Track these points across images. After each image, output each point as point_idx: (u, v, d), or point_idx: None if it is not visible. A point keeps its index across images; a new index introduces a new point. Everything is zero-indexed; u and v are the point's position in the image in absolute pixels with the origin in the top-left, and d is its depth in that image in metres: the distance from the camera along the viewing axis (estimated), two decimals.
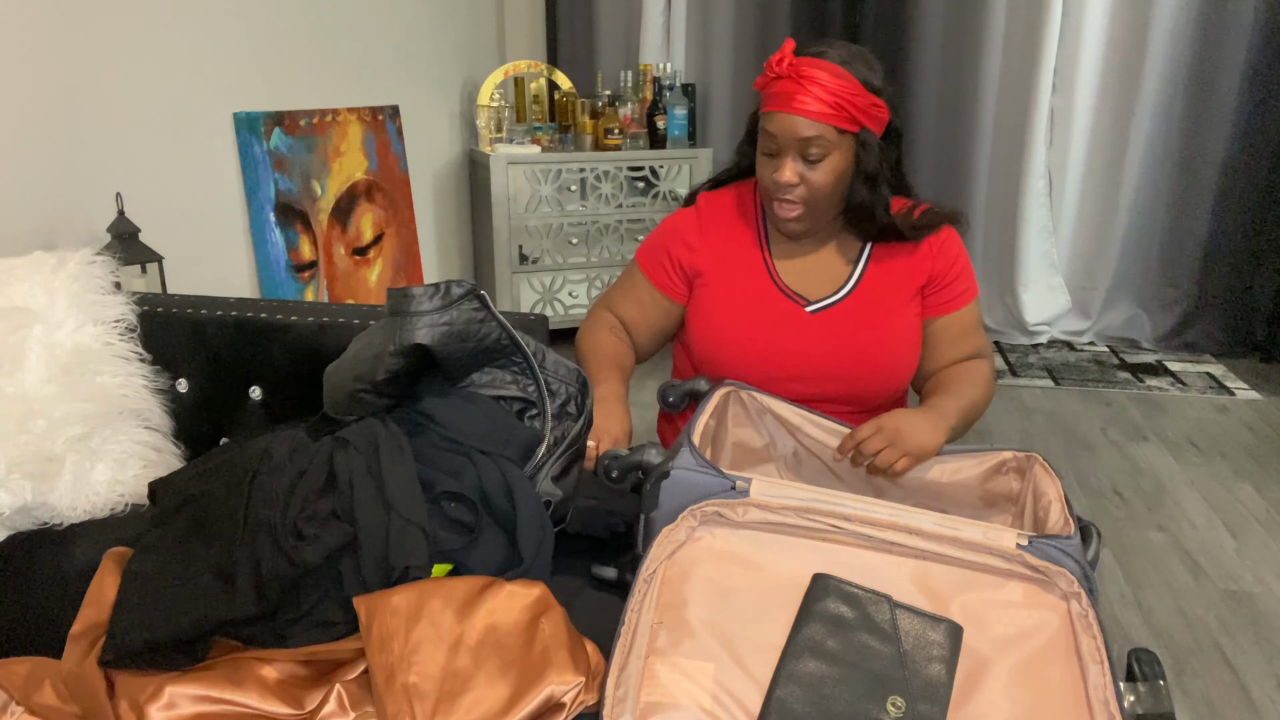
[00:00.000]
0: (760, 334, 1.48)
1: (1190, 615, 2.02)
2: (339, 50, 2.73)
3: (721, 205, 1.56)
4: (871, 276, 1.49)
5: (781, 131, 1.35)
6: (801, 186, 1.38)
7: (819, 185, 1.37)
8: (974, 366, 1.50)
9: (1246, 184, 3.65)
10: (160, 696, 0.93)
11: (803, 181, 1.37)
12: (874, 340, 1.47)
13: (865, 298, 1.48)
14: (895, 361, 1.49)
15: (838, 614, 0.89)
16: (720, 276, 1.52)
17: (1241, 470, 2.75)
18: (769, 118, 1.37)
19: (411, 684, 0.89)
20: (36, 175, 1.69)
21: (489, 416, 1.20)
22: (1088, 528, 1.03)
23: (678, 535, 0.95)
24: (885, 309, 1.48)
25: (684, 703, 0.83)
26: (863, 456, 1.24)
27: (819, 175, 1.37)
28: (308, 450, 1.12)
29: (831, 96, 1.32)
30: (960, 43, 3.80)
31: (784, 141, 1.36)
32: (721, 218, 1.55)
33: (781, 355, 1.48)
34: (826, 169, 1.36)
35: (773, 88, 1.37)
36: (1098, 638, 0.86)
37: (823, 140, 1.34)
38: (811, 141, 1.34)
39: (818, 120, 1.33)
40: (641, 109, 3.71)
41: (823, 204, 1.40)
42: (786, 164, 1.37)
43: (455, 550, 1.07)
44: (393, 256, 3.02)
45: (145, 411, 1.45)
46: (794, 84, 1.33)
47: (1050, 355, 3.85)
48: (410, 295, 1.18)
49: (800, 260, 1.51)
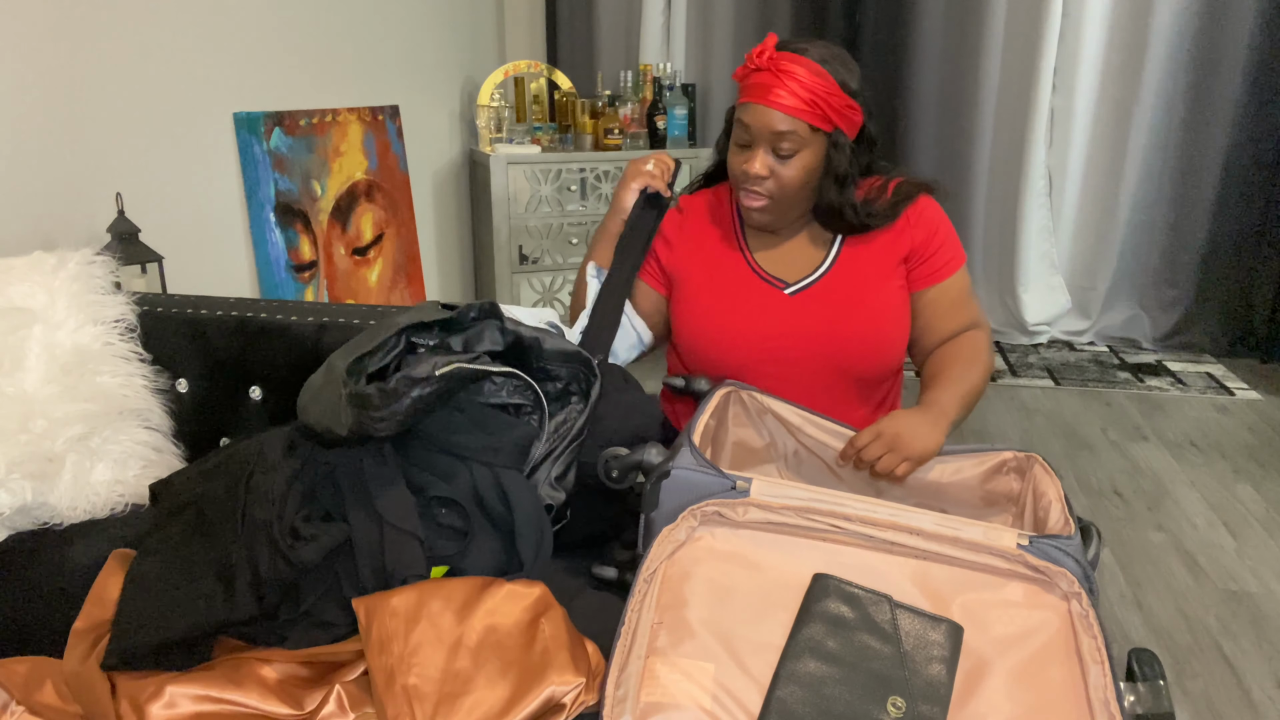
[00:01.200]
0: (742, 319, 1.50)
1: (1190, 615, 2.02)
2: (339, 50, 2.73)
3: (698, 205, 1.61)
4: (848, 254, 1.50)
5: (755, 123, 1.37)
6: (771, 180, 1.40)
7: (788, 180, 1.40)
8: (969, 341, 1.48)
9: (1246, 184, 3.65)
10: (161, 696, 0.93)
11: (772, 175, 1.40)
12: (856, 316, 1.47)
13: (843, 275, 1.49)
14: (881, 336, 1.48)
15: (838, 614, 0.89)
16: (699, 270, 1.55)
17: (1241, 470, 2.75)
18: (745, 108, 1.39)
19: (411, 685, 0.89)
20: (36, 175, 1.69)
21: (478, 424, 1.15)
22: (1088, 528, 1.03)
23: (678, 535, 0.95)
24: (865, 284, 1.48)
25: (684, 703, 0.83)
26: (864, 463, 1.25)
27: (789, 171, 1.39)
28: (302, 448, 1.12)
29: (808, 93, 1.34)
30: (960, 43, 3.80)
31: (757, 133, 1.38)
32: (698, 216, 1.59)
33: (764, 339, 1.48)
34: (797, 165, 1.39)
35: (751, 79, 1.39)
36: (1098, 638, 0.86)
37: (795, 136, 1.36)
38: (784, 136, 1.36)
39: (792, 115, 1.35)
40: (641, 109, 3.71)
41: (790, 199, 1.43)
42: (758, 156, 1.39)
43: (449, 556, 1.06)
44: (393, 256, 3.02)
45: (145, 411, 1.45)
46: (772, 77, 1.35)
47: (1050, 355, 3.85)
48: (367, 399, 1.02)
49: (776, 249, 1.53)
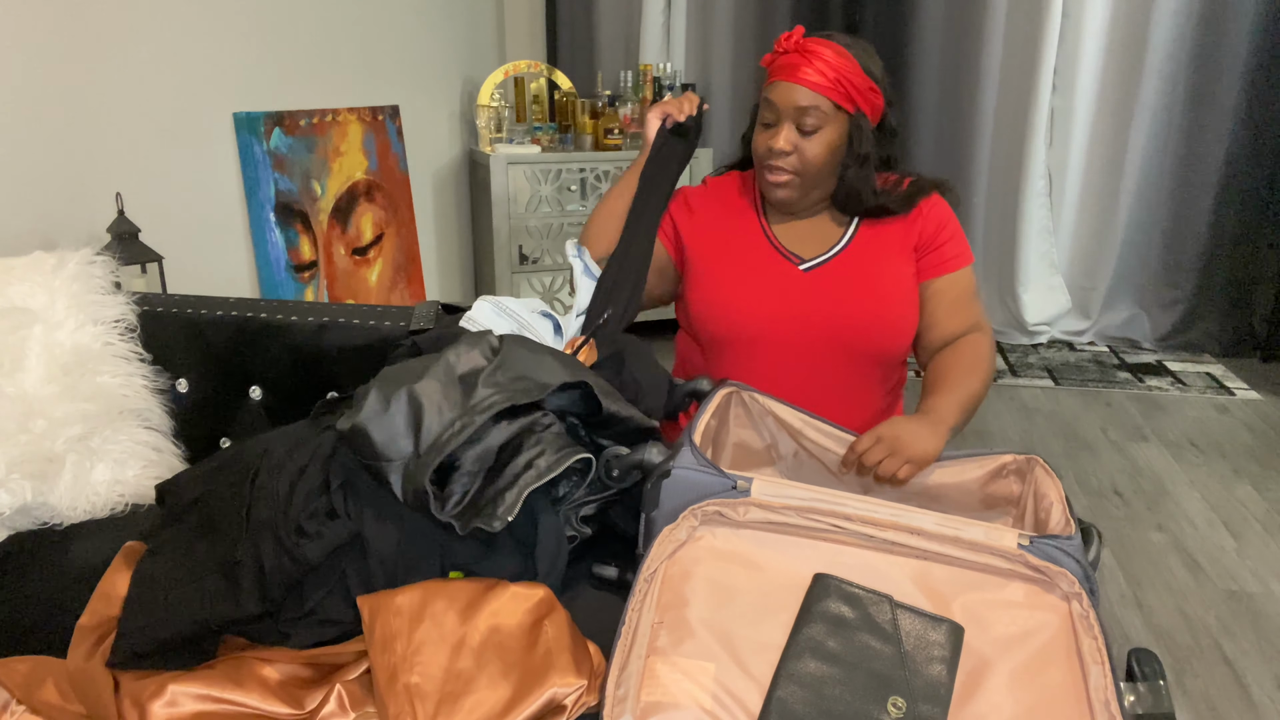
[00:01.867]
0: (756, 292, 1.53)
1: (1190, 615, 2.02)
2: (339, 50, 2.73)
3: (724, 182, 1.66)
4: (863, 236, 1.54)
5: (781, 99, 1.43)
6: (794, 155, 1.45)
7: (811, 156, 1.44)
8: (971, 347, 1.49)
9: (1246, 184, 3.65)
10: (163, 694, 0.93)
11: (796, 150, 1.45)
12: (869, 296, 1.50)
13: (857, 255, 1.52)
14: (892, 317, 1.50)
15: (838, 614, 0.89)
16: (717, 239, 1.59)
17: (1241, 470, 2.75)
18: (772, 88, 1.45)
19: (414, 684, 0.89)
20: (36, 175, 1.69)
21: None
22: (1089, 529, 1.03)
23: (678, 535, 0.95)
24: (879, 265, 1.51)
25: (684, 703, 0.83)
26: (866, 469, 1.25)
27: (812, 146, 1.44)
28: (307, 446, 1.12)
29: (833, 71, 1.41)
30: (960, 42, 3.80)
31: (783, 109, 1.43)
32: (723, 191, 1.64)
33: (776, 313, 1.51)
34: (820, 141, 1.44)
35: (778, 62, 1.46)
36: (1098, 638, 0.86)
37: (818, 111, 1.42)
38: (808, 111, 1.42)
39: (816, 91, 1.41)
40: (641, 109, 3.71)
41: (813, 177, 1.47)
42: (783, 131, 1.44)
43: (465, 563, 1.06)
44: (393, 256, 3.02)
45: (145, 411, 1.45)
46: (799, 57, 1.42)
47: (1050, 355, 3.85)
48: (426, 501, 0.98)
49: (795, 224, 1.57)
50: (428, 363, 1.10)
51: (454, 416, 1.03)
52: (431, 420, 1.03)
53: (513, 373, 1.10)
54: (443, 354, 1.11)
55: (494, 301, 1.42)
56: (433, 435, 1.02)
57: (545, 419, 1.08)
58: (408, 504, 1.01)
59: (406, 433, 1.02)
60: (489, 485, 1.03)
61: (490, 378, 1.08)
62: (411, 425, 1.02)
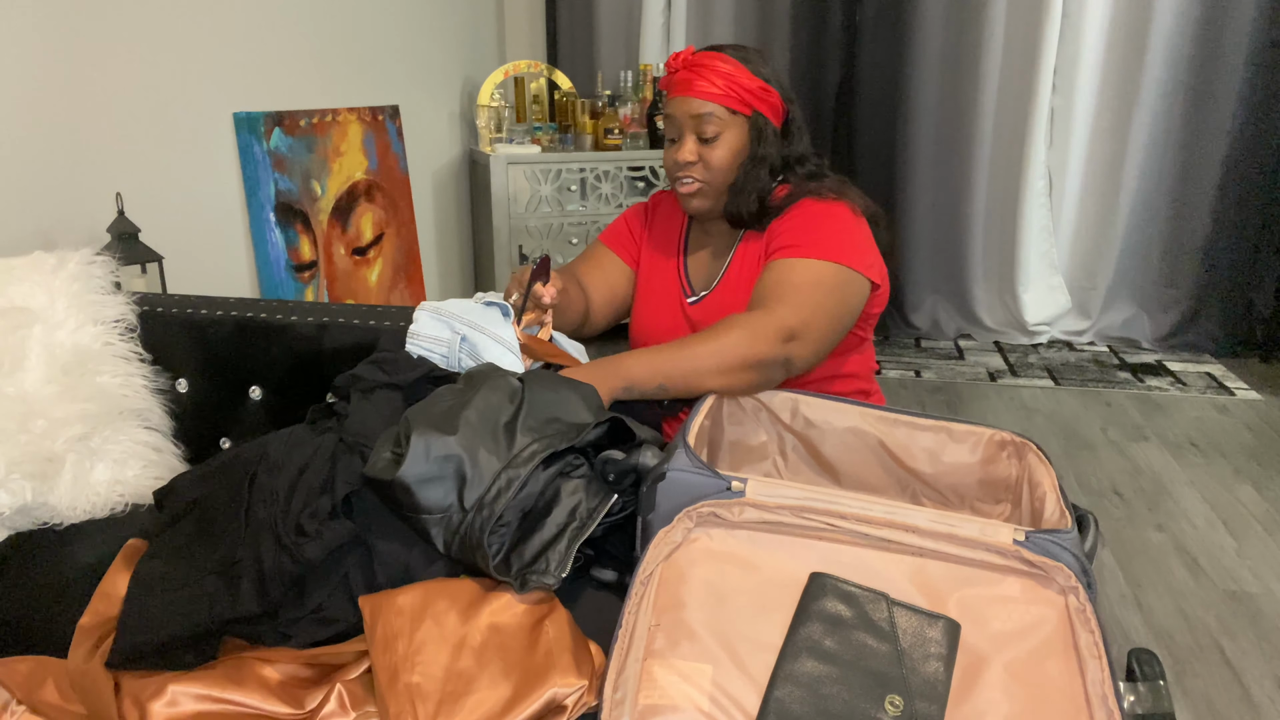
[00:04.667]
0: (653, 325, 1.60)
1: (1190, 615, 2.02)
2: (339, 50, 2.74)
3: (667, 198, 1.72)
4: (735, 265, 1.55)
5: (678, 111, 1.49)
6: (700, 165, 1.49)
7: (716, 163, 1.48)
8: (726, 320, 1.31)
9: (1246, 184, 3.65)
10: (163, 694, 0.93)
11: (700, 160, 1.49)
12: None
13: (734, 281, 1.54)
14: None
15: (835, 613, 0.89)
16: (647, 264, 1.65)
17: (1241, 470, 2.75)
18: (669, 104, 1.51)
19: (415, 684, 0.89)
20: (36, 175, 1.70)
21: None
22: (1084, 517, 1.03)
23: (674, 537, 0.95)
24: (747, 290, 1.50)
25: (682, 705, 0.83)
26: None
27: (716, 152, 1.48)
28: (307, 445, 1.12)
29: (722, 80, 1.45)
30: (960, 43, 3.80)
31: (681, 121, 1.49)
32: (664, 210, 1.70)
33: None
34: (723, 146, 1.48)
35: (673, 80, 1.51)
36: (1095, 633, 0.86)
37: (714, 118, 1.46)
38: (704, 119, 1.46)
39: (708, 99, 1.46)
40: (641, 109, 3.71)
41: (720, 184, 1.50)
42: (686, 143, 1.49)
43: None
44: (393, 256, 3.02)
45: (145, 411, 1.45)
46: (690, 72, 1.48)
47: (1050, 355, 3.85)
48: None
49: (700, 253, 1.62)
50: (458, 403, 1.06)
51: (500, 468, 1.01)
52: (475, 472, 1.00)
53: (543, 415, 1.08)
54: (474, 393, 1.08)
55: (433, 308, 1.34)
56: (481, 488, 0.99)
57: (575, 459, 1.07)
58: (450, 555, 1.01)
59: (451, 486, 0.99)
60: (532, 534, 1.01)
61: (525, 423, 1.06)
62: (456, 478, 0.99)
